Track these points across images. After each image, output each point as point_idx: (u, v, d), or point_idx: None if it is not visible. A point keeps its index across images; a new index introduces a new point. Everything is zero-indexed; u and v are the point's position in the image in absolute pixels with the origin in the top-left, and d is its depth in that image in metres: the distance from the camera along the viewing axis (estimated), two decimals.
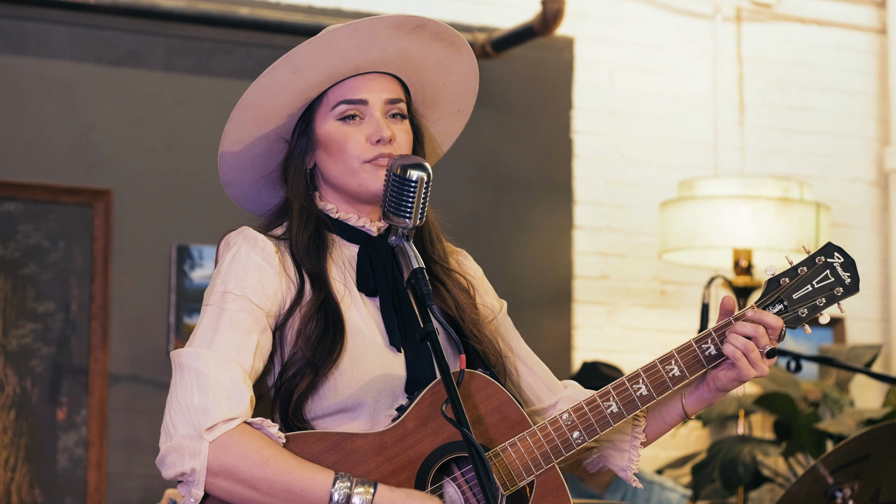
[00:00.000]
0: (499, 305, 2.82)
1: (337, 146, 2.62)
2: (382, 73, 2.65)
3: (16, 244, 5.35)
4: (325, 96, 2.64)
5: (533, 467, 2.56)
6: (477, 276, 2.81)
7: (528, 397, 2.78)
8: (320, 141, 2.64)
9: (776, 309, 2.64)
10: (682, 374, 2.61)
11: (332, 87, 2.63)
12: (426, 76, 2.70)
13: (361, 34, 2.57)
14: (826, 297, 2.65)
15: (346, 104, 2.62)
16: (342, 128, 2.62)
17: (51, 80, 5.44)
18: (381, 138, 2.60)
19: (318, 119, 2.64)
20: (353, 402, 2.54)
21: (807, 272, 2.66)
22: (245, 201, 2.77)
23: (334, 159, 2.63)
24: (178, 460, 2.44)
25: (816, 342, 6.46)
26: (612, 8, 6.36)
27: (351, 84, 2.62)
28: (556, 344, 6.09)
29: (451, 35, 2.67)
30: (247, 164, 2.70)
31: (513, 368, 2.78)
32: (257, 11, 5.66)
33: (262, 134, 2.66)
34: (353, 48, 2.58)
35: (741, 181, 5.77)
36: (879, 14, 6.81)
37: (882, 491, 4.05)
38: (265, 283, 2.56)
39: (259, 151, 2.68)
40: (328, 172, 2.65)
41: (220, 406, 2.44)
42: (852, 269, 2.66)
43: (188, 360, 2.49)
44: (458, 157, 5.93)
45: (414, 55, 2.65)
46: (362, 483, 2.43)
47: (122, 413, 5.41)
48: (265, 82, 2.60)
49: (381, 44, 2.60)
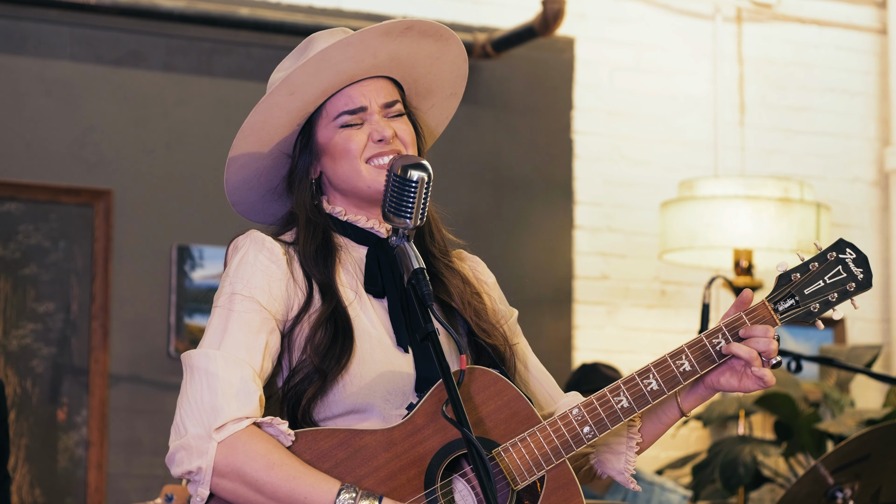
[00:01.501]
0: (509, 313, 2.82)
1: (341, 149, 2.64)
2: (376, 77, 2.67)
3: (16, 244, 5.35)
4: (323, 108, 2.67)
5: (543, 462, 2.56)
6: (490, 282, 2.83)
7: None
8: (324, 149, 2.67)
9: (788, 304, 2.63)
10: (693, 368, 2.61)
11: (330, 98, 2.66)
12: (418, 71, 2.73)
13: (353, 47, 2.61)
14: (839, 293, 2.64)
15: (347, 115, 2.65)
16: (344, 132, 2.65)
17: (51, 80, 5.44)
18: (384, 137, 2.63)
19: (319, 130, 2.67)
20: (362, 403, 2.55)
21: (818, 267, 2.65)
22: (254, 215, 2.80)
23: (340, 163, 2.65)
24: (186, 458, 2.45)
25: (817, 342, 6.46)
26: (612, 8, 6.36)
27: (348, 93, 2.66)
28: (557, 344, 6.09)
29: (437, 30, 2.70)
30: (252, 182, 2.73)
31: (520, 368, 2.78)
32: (257, 12, 5.66)
33: (265, 153, 2.68)
34: (346, 61, 2.62)
35: (741, 181, 5.77)
36: (879, 14, 6.81)
37: (882, 491, 4.05)
38: (272, 285, 2.58)
39: (263, 169, 2.72)
40: (335, 177, 2.67)
41: (230, 405, 2.45)
42: (865, 265, 2.66)
43: (198, 361, 2.50)
44: (458, 157, 5.94)
45: (404, 56, 2.69)
46: (367, 496, 2.43)
47: (123, 413, 5.41)
48: (263, 108, 2.64)
49: (372, 52, 2.64)
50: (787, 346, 6.30)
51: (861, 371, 4.67)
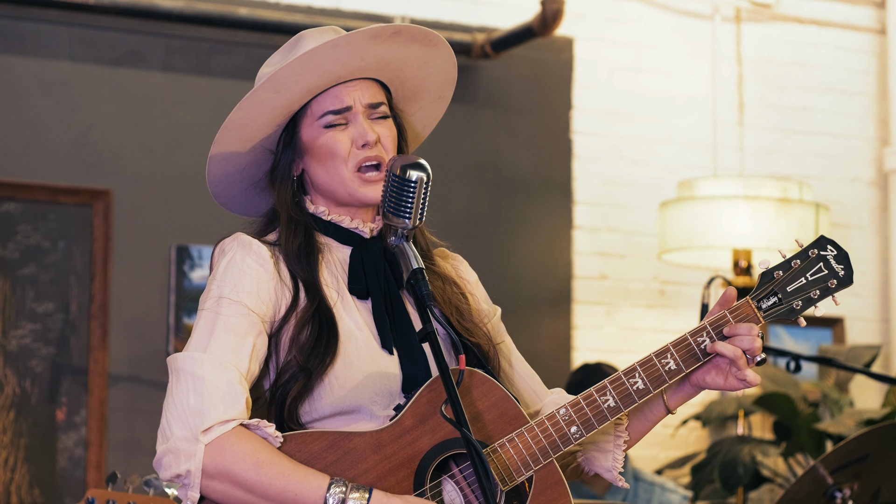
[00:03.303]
0: (492, 311, 2.82)
1: (326, 152, 2.64)
2: (363, 79, 2.67)
3: (15, 244, 5.35)
4: (308, 107, 2.66)
5: (531, 462, 2.56)
6: (472, 280, 2.82)
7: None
8: (308, 148, 2.66)
9: (771, 301, 2.65)
10: (679, 367, 2.62)
11: (316, 97, 2.65)
12: (405, 74, 2.73)
13: (340, 49, 2.61)
14: (820, 290, 2.66)
15: (332, 115, 2.64)
16: (328, 133, 2.64)
17: (50, 80, 5.44)
18: (367, 142, 2.62)
19: (303, 128, 2.67)
20: (349, 405, 2.55)
21: (800, 265, 2.67)
22: (236, 207, 2.80)
23: (324, 166, 2.65)
24: (173, 462, 2.44)
25: (816, 342, 6.46)
26: (611, 8, 6.36)
27: (334, 93, 2.65)
28: (556, 344, 6.09)
29: (426, 35, 2.70)
30: (234, 177, 2.73)
31: (505, 366, 2.78)
32: (256, 12, 5.66)
33: (248, 149, 2.68)
34: (332, 62, 2.62)
35: (740, 181, 5.77)
36: (879, 14, 6.81)
37: (881, 491, 4.05)
38: (260, 288, 2.57)
39: (245, 165, 2.71)
40: (317, 178, 2.67)
41: (216, 407, 2.44)
42: (846, 262, 2.67)
43: (184, 364, 2.50)
44: (457, 157, 5.94)
45: (392, 59, 2.68)
46: (357, 488, 2.43)
47: (122, 413, 5.41)
48: (248, 105, 2.63)
49: (360, 54, 2.63)
50: (786, 347, 6.31)
51: (860, 371, 4.67)
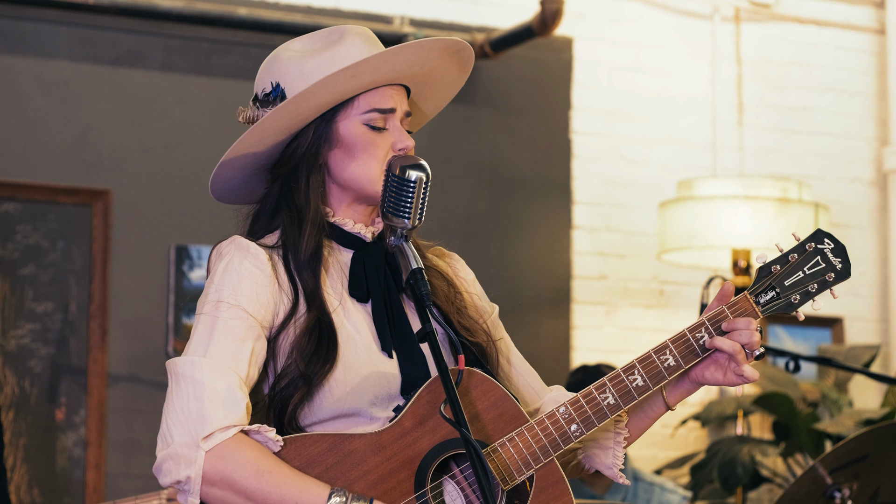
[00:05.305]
0: (490, 309, 2.82)
1: (363, 150, 2.63)
2: (401, 86, 2.68)
3: (14, 244, 5.35)
4: (354, 100, 2.64)
5: (532, 461, 2.56)
6: (469, 279, 2.82)
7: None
8: (342, 140, 2.64)
9: (769, 296, 2.65)
10: (678, 363, 2.62)
11: (363, 92, 2.64)
12: (428, 91, 2.75)
13: (415, 52, 2.62)
14: (818, 283, 2.66)
15: (377, 112, 2.63)
16: (369, 134, 2.63)
17: (49, 80, 5.44)
18: (405, 147, 2.63)
19: (341, 119, 2.64)
20: (349, 408, 2.55)
21: (798, 259, 2.67)
22: (227, 193, 2.77)
23: (356, 162, 2.63)
24: (174, 468, 2.44)
25: (815, 342, 6.46)
26: (610, 8, 6.36)
27: (386, 92, 2.64)
28: (555, 344, 6.09)
29: (469, 60, 2.73)
30: (247, 160, 2.68)
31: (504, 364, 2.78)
32: (256, 12, 5.66)
33: (286, 127, 2.63)
34: (402, 63, 2.63)
35: (740, 181, 5.77)
36: (878, 14, 6.82)
37: (881, 491, 4.05)
38: (259, 292, 2.56)
39: (267, 148, 2.67)
40: (343, 171, 2.64)
41: (217, 413, 2.44)
42: (843, 255, 2.67)
43: (183, 369, 2.49)
44: (457, 157, 5.94)
45: (434, 73, 2.70)
46: (357, 499, 2.43)
47: (121, 413, 5.41)
48: (327, 80, 2.58)
49: (422, 61, 2.65)
50: (785, 347, 6.31)
51: (859, 371, 4.68)
